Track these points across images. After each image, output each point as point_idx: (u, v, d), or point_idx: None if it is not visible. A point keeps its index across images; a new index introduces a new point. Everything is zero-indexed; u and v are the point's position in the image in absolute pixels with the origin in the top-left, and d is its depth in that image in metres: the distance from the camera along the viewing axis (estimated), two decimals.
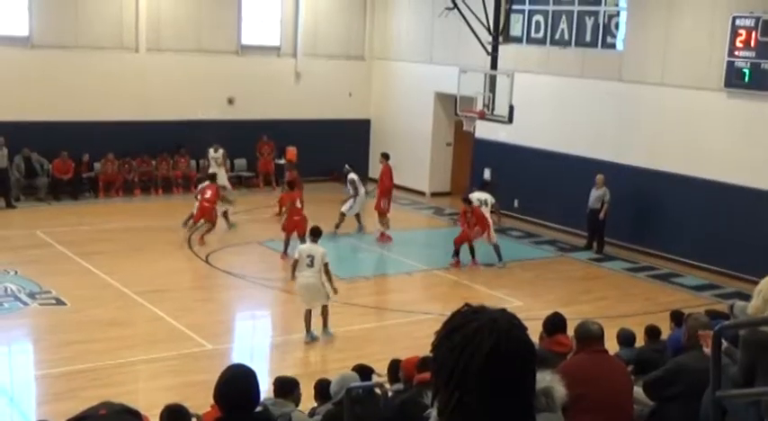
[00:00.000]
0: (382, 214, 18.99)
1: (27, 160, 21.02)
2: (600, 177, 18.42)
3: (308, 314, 12.79)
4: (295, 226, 16.88)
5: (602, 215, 18.43)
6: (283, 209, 18.48)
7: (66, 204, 21.00)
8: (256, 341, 13.72)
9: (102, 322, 13.23)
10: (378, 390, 7.75)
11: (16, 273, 15.28)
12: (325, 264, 12.73)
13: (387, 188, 19.14)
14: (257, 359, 12.61)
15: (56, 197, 21.21)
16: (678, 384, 6.10)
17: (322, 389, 8.08)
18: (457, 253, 17.26)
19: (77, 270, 15.77)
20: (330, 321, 13.00)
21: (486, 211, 17.38)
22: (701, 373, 5.85)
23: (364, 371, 8.41)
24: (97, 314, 13.57)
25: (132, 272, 15.78)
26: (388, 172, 19.26)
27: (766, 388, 5.35)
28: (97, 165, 21.89)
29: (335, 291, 13.00)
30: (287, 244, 16.92)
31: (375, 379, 8.61)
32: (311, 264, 12.70)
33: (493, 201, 17.83)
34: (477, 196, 17.73)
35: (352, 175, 19.15)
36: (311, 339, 12.78)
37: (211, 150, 21.40)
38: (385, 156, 19.58)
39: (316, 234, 13.12)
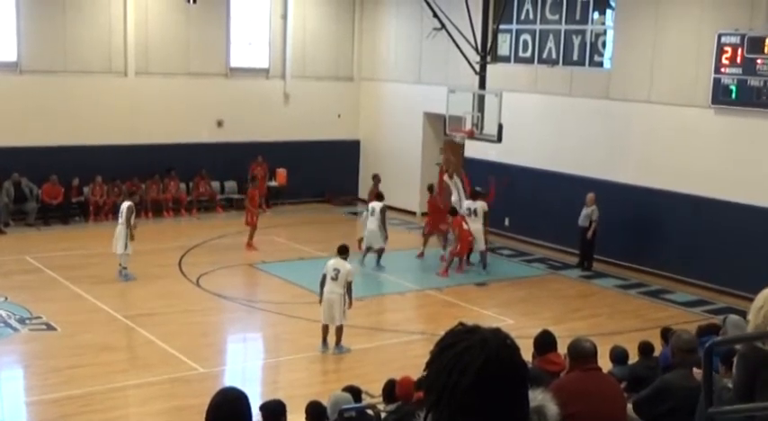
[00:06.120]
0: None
1: (16, 185, 20.94)
2: (590, 196, 18.44)
3: (325, 328, 13.21)
4: (468, 245, 17.91)
5: (589, 234, 18.45)
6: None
7: (56, 229, 20.92)
8: (248, 364, 13.66)
9: (93, 347, 13.15)
10: (370, 411, 7.72)
11: (6, 298, 15.19)
12: (349, 283, 13.11)
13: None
14: (249, 382, 12.54)
15: (45, 222, 21.12)
16: (666, 402, 6.10)
17: (314, 410, 8.04)
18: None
19: (68, 295, 15.69)
20: (343, 339, 13.30)
21: (477, 221, 17.94)
22: (687, 391, 5.87)
23: (353, 393, 8.38)
24: (88, 339, 13.50)
25: (123, 296, 15.73)
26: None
27: (760, 403, 5.34)
28: (87, 190, 21.83)
29: (350, 305, 13.30)
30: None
31: (365, 399, 8.59)
32: (336, 278, 13.05)
33: (485, 209, 18.19)
34: (468, 206, 18.21)
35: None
36: (323, 351, 13.20)
37: None
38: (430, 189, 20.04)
39: (343, 251, 13.51)
